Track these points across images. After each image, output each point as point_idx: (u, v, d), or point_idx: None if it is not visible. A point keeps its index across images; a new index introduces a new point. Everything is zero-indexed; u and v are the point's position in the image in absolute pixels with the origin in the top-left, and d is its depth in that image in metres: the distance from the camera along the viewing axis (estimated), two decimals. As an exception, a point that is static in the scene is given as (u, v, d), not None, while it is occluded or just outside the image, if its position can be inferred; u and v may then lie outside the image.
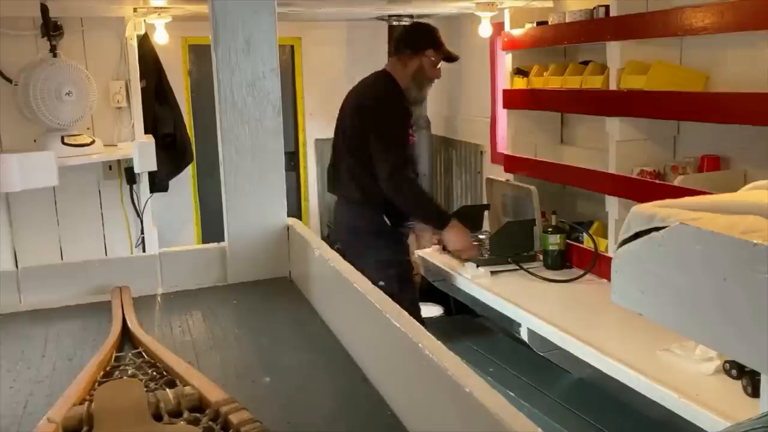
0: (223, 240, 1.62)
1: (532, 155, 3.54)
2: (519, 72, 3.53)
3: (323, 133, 5.17)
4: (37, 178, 3.18)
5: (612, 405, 2.40)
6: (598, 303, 2.67)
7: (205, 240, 4.70)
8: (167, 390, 0.97)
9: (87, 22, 3.58)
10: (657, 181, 2.69)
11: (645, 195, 2.44)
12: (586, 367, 2.39)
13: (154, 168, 3.61)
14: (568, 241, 3.15)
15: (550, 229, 3.14)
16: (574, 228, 3.18)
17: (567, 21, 3.11)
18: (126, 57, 3.61)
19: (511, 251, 3.15)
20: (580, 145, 3.48)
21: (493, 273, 3.08)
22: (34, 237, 3.62)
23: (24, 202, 3.54)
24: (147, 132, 3.73)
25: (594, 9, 2.95)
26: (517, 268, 3.10)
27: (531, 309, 2.65)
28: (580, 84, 3.04)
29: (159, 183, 3.87)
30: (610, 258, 2.41)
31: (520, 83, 3.51)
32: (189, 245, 4.09)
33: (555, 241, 3.12)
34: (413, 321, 0.96)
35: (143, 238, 3.82)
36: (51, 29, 3.37)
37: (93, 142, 3.50)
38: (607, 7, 2.87)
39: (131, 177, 3.73)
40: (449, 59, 3.16)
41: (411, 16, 4.66)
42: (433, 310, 4.33)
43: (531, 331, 2.64)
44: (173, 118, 3.98)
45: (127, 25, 3.57)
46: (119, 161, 3.73)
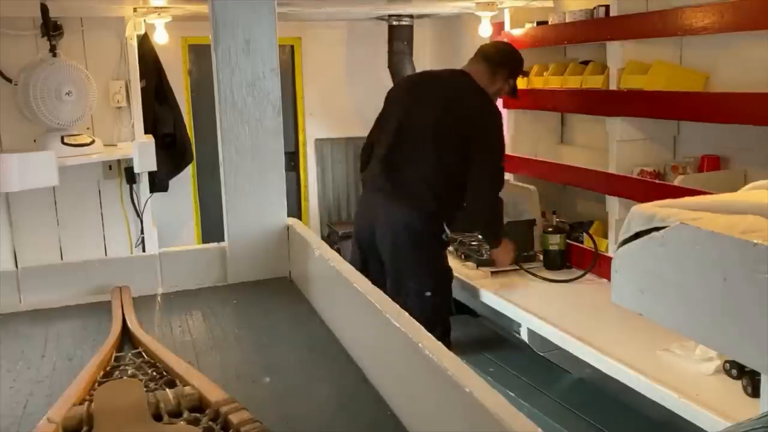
0: (223, 240, 1.62)
1: (532, 155, 3.54)
2: (519, 72, 3.53)
3: (323, 133, 5.18)
4: (37, 178, 3.18)
5: (612, 405, 2.40)
6: (598, 303, 2.67)
7: (205, 240, 4.70)
8: (167, 390, 0.97)
9: (87, 22, 3.58)
10: (657, 181, 2.69)
11: (645, 195, 2.44)
12: (586, 367, 2.39)
13: (154, 168, 3.61)
14: (568, 241, 3.15)
15: (550, 229, 3.14)
16: (574, 228, 3.18)
17: (567, 21, 3.11)
18: (126, 57, 3.61)
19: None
20: (580, 145, 3.48)
21: (493, 273, 3.08)
22: (34, 237, 3.62)
23: (24, 202, 3.54)
24: (147, 132, 3.73)
25: (594, 9, 2.95)
26: (517, 268, 3.10)
27: (531, 309, 2.65)
28: (580, 84, 3.04)
29: (159, 183, 3.87)
30: (610, 258, 2.41)
31: (520, 83, 3.51)
32: (189, 245, 4.09)
33: (555, 241, 3.12)
34: (413, 321, 0.96)
35: (143, 238, 3.82)
36: (51, 29, 3.37)
37: (93, 142, 3.50)
38: (607, 7, 2.87)
39: (131, 177, 3.73)
40: (514, 93, 3.07)
41: (411, 16, 4.66)
42: (433, 310, 4.33)
43: (531, 331, 2.64)
44: (173, 118, 3.98)
45: (127, 25, 3.57)
46: (119, 161, 3.73)
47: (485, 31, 3.91)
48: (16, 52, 3.38)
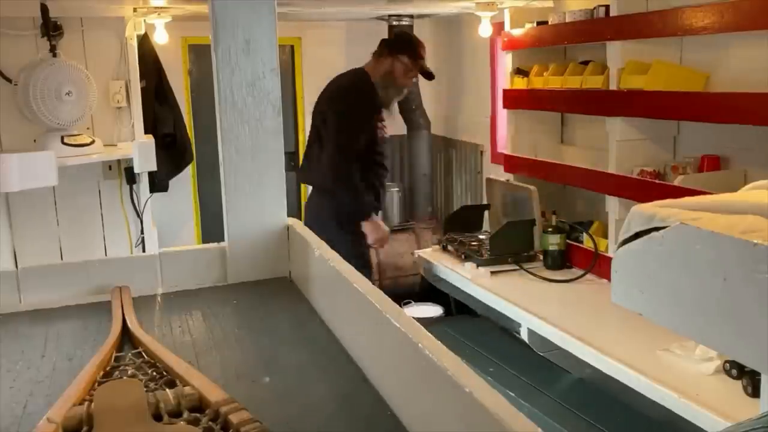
0: (223, 240, 1.62)
1: (532, 155, 3.53)
2: (519, 72, 3.53)
3: (323, 133, 5.17)
4: (37, 178, 3.18)
5: (612, 405, 2.40)
6: (598, 303, 2.67)
7: (205, 240, 4.70)
8: (167, 390, 0.97)
9: (87, 22, 3.58)
10: (657, 181, 2.69)
11: (645, 195, 2.44)
12: (586, 367, 2.39)
13: (154, 168, 3.61)
14: (568, 241, 3.15)
15: (550, 229, 3.14)
16: (574, 228, 3.18)
17: (567, 21, 3.11)
18: (126, 57, 3.61)
19: (511, 251, 3.15)
20: (580, 145, 3.48)
21: (493, 273, 3.08)
22: (34, 237, 3.62)
23: (24, 202, 3.54)
24: (147, 132, 3.73)
25: (594, 9, 2.94)
26: (517, 268, 3.10)
27: (531, 309, 2.65)
28: (580, 84, 3.04)
29: (159, 183, 3.87)
30: (610, 258, 2.41)
31: (520, 83, 3.51)
32: (189, 245, 4.09)
33: (555, 241, 3.12)
34: (413, 321, 0.96)
35: (143, 238, 3.82)
36: (51, 29, 3.37)
37: (93, 142, 3.51)
38: (607, 7, 2.87)
39: (131, 177, 3.73)
40: (425, 75, 3.35)
41: (411, 16, 4.66)
42: (433, 310, 4.33)
43: (531, 331, 2.64)
44: (173, 118, 3.98)
45: (127, 25, 3.57)
46: (119, 161, 3.73)
47: (485, 31, 3.92)
48: (16, 52, 3.38)
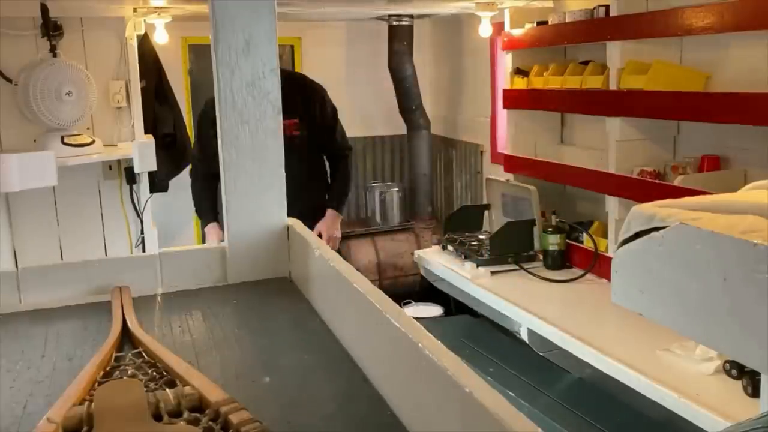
0: (223, 240, 1.62)
1: (532, 155, 3.53)
2: (519, 72, 3.53)
3: (323, 133, 5.17)
4: (37, 178, 3.18)
5: (612, 405, 2.40)
6: (598, 303, 2.67)
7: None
8: (167, 390, 0.97)
9: (87, 22, 3.58)
10: (657, 181, 2.69)
11: (645, 195, 2.44)
12: (586, 367, 2.39)
13: (154, 168, 3.62)
14: (568, 241, 3.15)
15: (550, 229, 3.14)
16: (574, 228, 3.18)
17: (567, 21, 3.11)
18: (126, 57, 3.61)
19: (511, 251, 3.15)
20: (580, 145, 3.48)
21: (493, 273, 3.08)
22: (34, 237, 3.62)
23: (24, 202, 3.54)
24: (147, 132, 3.73)
25: (594, 9, 2.94)
26: (517, 268, 3.10)
27: (531, 309, 2.65)
28: (580, 84, 3.04)
29: (159, 183, 3.87)
30: (610, 258, 2.41)
31: (520, 83, 3.51)
32: (189, 245, 4.09)
33: (555, 241, 3.12)
34: (413, 321, 0.96)
35: (143, 238, 3.82)
36: (51, 29, 3.37)
37: (93, 142, 3.51)
38: (607, 7, 2.87)
39: (131, 177, 3.73)
40: None
41: (411, 16, 4.66)
42: (433, 310, 4.33)
43: (531, 331, 2.64)
44: (173, 118, 3.98)
45: (127, 25, 3.57)
46: (119, 161, 3.73)
47: (485, 31, 3.92)
48: (16, 52, 3.38)
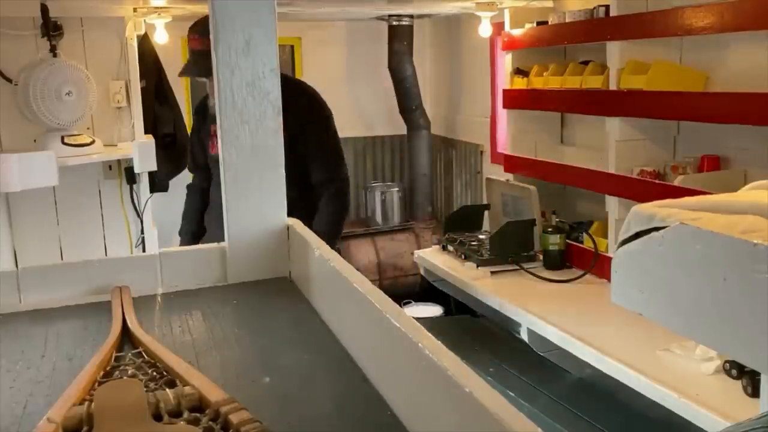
0: (223, 240, 1.62)
1: (532, 155, 3.54)
2: (519, 72, 3.53)
3: (323, 133, 5.17)
4: (37, 178, 3.18)
5: (612, 405, 2.40)
6: (598, 303, 2.67)
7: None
8: (167, 390, 0.97)
9: (87, 22, 3.58)
10: (657, 181, 2.69)
11: (645, 195, 2.44)
12: (586, 367, 2.39)
13: (154, 168, 3.61)
14: (568, 241, 3.15)
15: (550, 229, 3.14)
16: (574, 228, 3.18)
17: (567, 21, 3.11)
18: (126, 57, 3.61)
19: (511, 251, 3.15)
20: (580, 145, 3.48)
21: (493, 273, 3.08)
22: (34, 237, 3.62)
23: (24, 202, 3.54)
24: (147, 132, 3.73)
25: (594, 9, 2.95)
26: (517, 268, 3.10)
27: (531, 309, 2.65)
28: (580, 84, 3.04)
29: (159, 183, 3.87)
30: (610, 258, 2.41)
31: (520, 83, 3.51)
32: (189, 245, 4.09)
33: (555, 241, 3.12)
34: (413, 321, 0.96)
35: (143, 238, 3.82)
36: (51, 29, 3.37)
37: (93, 142, 3.51)
38: (607, 7, 2.87)
39: (131, 177, 3.73)
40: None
41: (411, 16, 4.66)
42: (433, 310, 4.33)
43: (531, 331, 2.64)
44: (173, 118, 3.98)
45: (127, 25, 3.57)
46: (119, 161, 3.73)
47: (485, 31, 3.92)
48: (16, 52, 3.38)
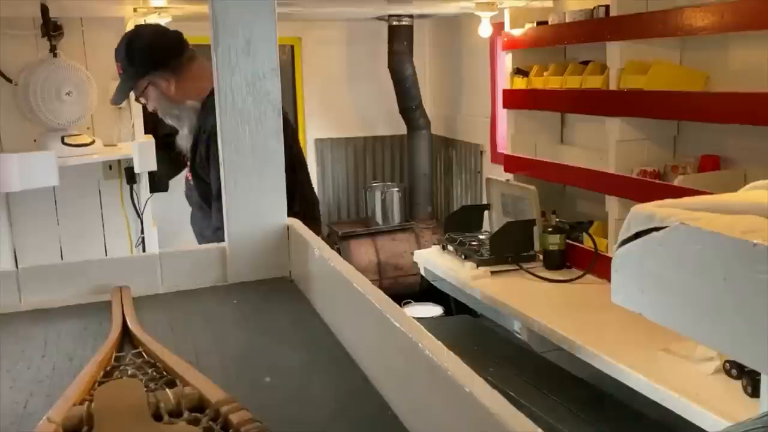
0: (223, 240, 1.62)
1: (532, 155, 3.54)
2: (519, 72, 3.53)
3: (323, 133, 5.18)
4: (37, 178, 3.18)
5: (612, 405, 2.40)
6: (598, 303, 2.67)
7: (205, 240, 4.69)
8: (167, 390, 0.97)
9: (87, 22, 3.58)
10: (657, 181, 2.69)
11: (645, 195, 2.44)
12: (586, 367, 2.39)
13: (154, 168, 3.61)
14: (568, 241, 3.15)
15: (550, 229, 3.14)
16: (574, 228, 3.18)
17: (567, 21, 3.11)
18: (126, 57, 3.60)
19: (511, 251, 3.15)
20: (580, 145, 3.48)
21: (493, 273, 3.08)
22: (34, 237, 3.62)
23: (24, 202, 3.54)
24: (147, 132, 3.73)
25: (594, 9, 2.95)
26: (517, 268, 3.10)
27: (531, 309, 2.65)
28: (580, 84, 3.05)
29: (159, 183, 3.87)
30: (610, 258, 2.41)
31: (520, 83, 3.51)
32: (189, 245, 4.09)
33: (555, 241, 3.12)
34: (413, 321, 0.96)
35: (143, 238, 3.82)
36: (51, 29, 3.37)
37: (93, 142, 3.51)
38: (607, 7, 2.87)
39: (131, 177, 3.73)
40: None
41: (411, 16, 4.66)
42: (433, 310, 4.33)
43: (531, 331, 2.64)
44: (173, 118, 3.98)
45: (127, 25, 3.57)
46: (119, 161, 3.74)
47: (485, 31, 3.92)
48: (16, 52, 3.38)
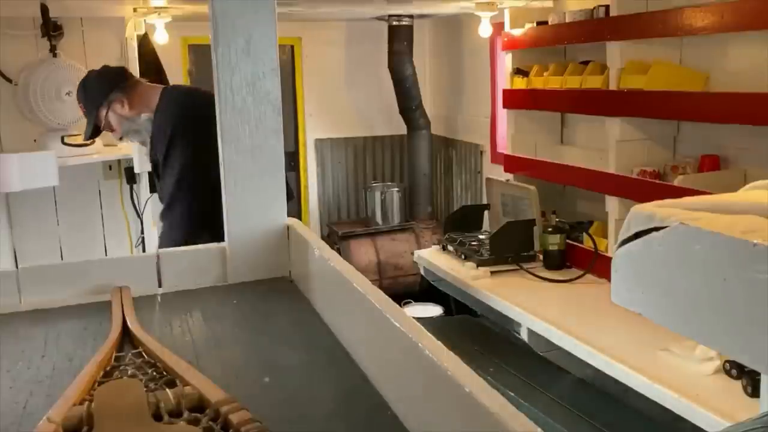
0: (223, 240, 1.62)
1: (532, 155, 3.54)
2: (519, 72, 3.53)
3: (323, 133, 5.18)
4: (37, 178, 3.18)
5: (612, 405, 2.40)
6: (598, 303, 2.67)
7: (205, 240, 4.69)
8: (167, 390, 0.97)
9: (87, 22, 3.59)
10: (657, 181, 2.69)
11: (645, 195, 2.45)
12: (586, 367, 2.39)
13: (154, 168, 3.62)
14: (568, 241, 3.15)
15: (550, 229, 3.14)
16: (574, 228, 3.18)
17: (567, 21, 3.11)
18: (126, 57, 3.61)
19: (511, 251, 3.15)
20: (580, 145, 3.48)
21: (493, 273, 3.08)
22: (34, 237, 3.62)
23: (24, 202, 3.54)
24: (147, 132, 3.73)
25: (594, 9, 2.95)
26: (517, 268, 3.10)
27: (531, 309, 2.65)
28: (580, 84, 3.05)
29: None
30: (610, 258, 2.41)
31: (520, 83, 3.51)
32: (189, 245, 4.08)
33: (555, 241, 3.12)
34: (413, 321, 0.96)
35: (143, 238, 3.82)
36: (51, 29, 3.37)
37: (93, 142, 3.51)
38: (607, 7, 2.87)
39: (131, 177, 3.74)
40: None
41: (411, 16, 4.66)
42: (433, 310, 4.33)
43: (531, 331, 2.64)
44: (173, 118, 3.98)
45: (127, 25, 3.57)
46: (119, 161, 3.74)
47: (485, 31, 3.92)
48: (16, 52, 3.39)
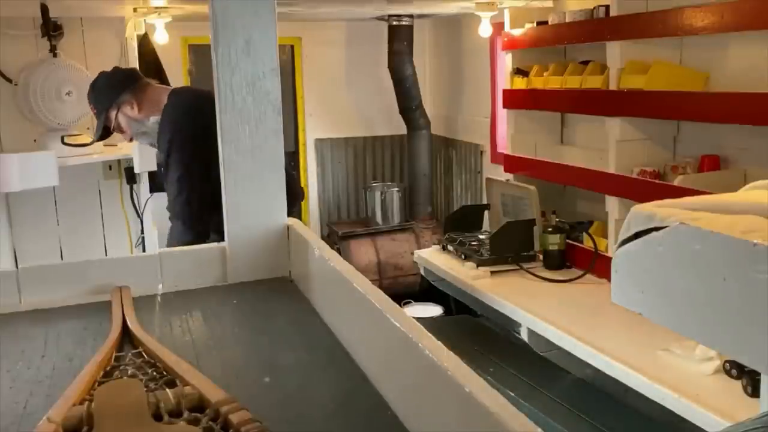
0: (223, 240, 1.62)
1: (532, 155, 3.54)
2: (519, 72, 3.53)
3: (323, 133, 5.18)
4: (37, 178, 3.18)
5: (612, 405, 2.40)
6: (598, 303, 2.67)
7: (205, 240, 4.69)
8: (167, 390, 0.97)
9: (87, 22, 3.59)
10: (657, 181, 2.69)
11: (645, 195, 2.44)
12: (586, 367, 2.39)
13: (154, 168, 3.61)
14: (568, 241, 3.15)
15: (550, 229, 3.14)
16: (574, 228, 3.18)
17: (567, 21, 3.11)
18: (126, 57, 3.61)
19: (511, 251, 3.15)
20: (580, 145, 3.48)
21: (493, 273, 3.08)
22: (34, 237, 3.62)
23: (24, 202, 3.54)
24: (147, 132, 3.73)
25: (594, 9, 2.95)
26: (517, 268, 3.10)
27: (531, 309, 2.65)
28: (580, 84, 3.05)
29: (159, 183, 3.87)
30: (610, 258, 2.41)
31: (520, 83, 3.51)
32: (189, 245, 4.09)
33: (555, 241, 3.12)
34: (413, 321, 0.96)
35: (143, 238, 3.83)
36: (51, 29, 3.37)
37: (93, 141, 3.51)
38: (607, 7, 2.87)
39: (131, 177, 3.74)
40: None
41: (411, 16, 4.66)
42: (433, 310, 4.33)
43: (531, 331, 2.64)
44: (173, 117, 3.98)
45: (127, 25, 3.57)
46: (119, 161, 3.74)
47: (485, 31, 3.92)
48: (16, 52, 3.38)
